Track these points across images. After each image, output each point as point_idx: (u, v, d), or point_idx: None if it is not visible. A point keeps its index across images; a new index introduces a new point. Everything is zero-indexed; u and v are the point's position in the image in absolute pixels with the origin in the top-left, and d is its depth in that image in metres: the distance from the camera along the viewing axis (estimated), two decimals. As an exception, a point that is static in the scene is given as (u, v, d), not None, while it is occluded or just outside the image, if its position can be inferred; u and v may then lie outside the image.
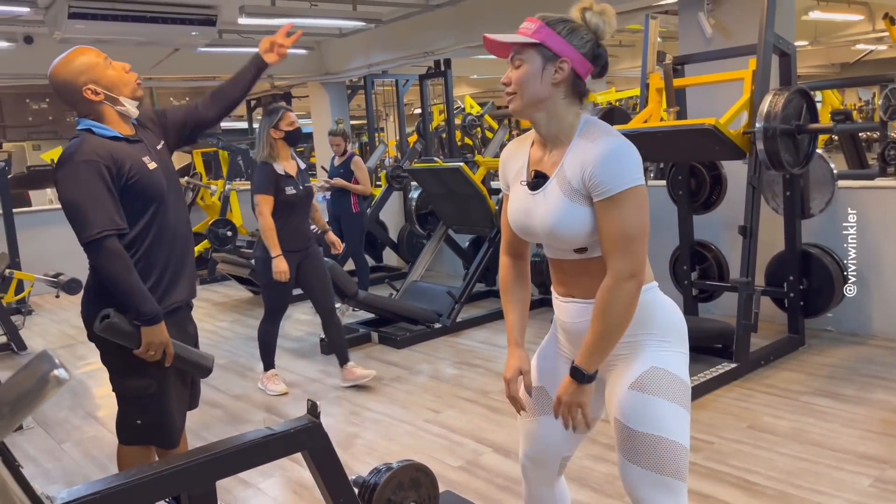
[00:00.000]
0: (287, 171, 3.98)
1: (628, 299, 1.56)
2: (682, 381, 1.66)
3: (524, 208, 1.69)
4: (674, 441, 1.61)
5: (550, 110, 1.61)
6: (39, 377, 0.61)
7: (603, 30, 1.61)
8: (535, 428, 1.85)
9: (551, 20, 1.59)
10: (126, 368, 2.25)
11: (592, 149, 1.56)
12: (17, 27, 6.42)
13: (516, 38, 1.59)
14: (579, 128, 1.62)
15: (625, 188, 1.53)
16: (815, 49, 12.34)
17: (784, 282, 4.33)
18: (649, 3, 5.68)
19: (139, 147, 2.25)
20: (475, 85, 15.34)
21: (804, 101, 3.91)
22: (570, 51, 1.58)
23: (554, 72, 1.58)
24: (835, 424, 3.25)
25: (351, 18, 6.97)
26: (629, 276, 1.55)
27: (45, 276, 5.52)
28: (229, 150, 9.17)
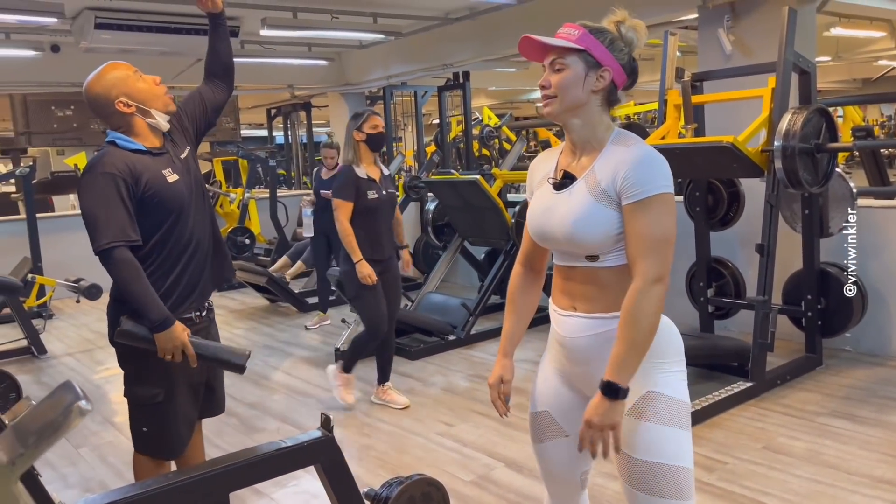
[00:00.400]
0: (370, 175, 3.84)
1: (657, 303, 1.54)
2: (679, 402, 1.64)
3: (546, 206, 1.69)
4: (674, 466, 1.61)
5: (586, 117, 1.63)
6: (63, 408, 0.63)
7: (636, 44, 1.64)
8: (546, 452, 1.84)
9: (593, 28, 1.62)
10: (137, 375, 2.30)
11: (627, 153, 1.58)
12: (44, 36, 6.54)
13: (562, 42, 1.61)
14: (612, 136, 1.64)
15: (656, 192, 1.54)
16: (837, 64, 12.26)
17: (801, 300, 4.29)
18: (669, 18, 5.68)
19: (162, 159, 2.29)
20: (493, 96, 15.39)
21: (823, 119, 3.89)
22: (611, 60, 1.61)
23: (596, 79, 1.61)
24: (851, 447, 3.21)
25: (371, 31, 7.04)
26: (657, 280, 1.54)
27: (67, 281, 5.59)
28: (249, 158, 9.27)
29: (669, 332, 1.68)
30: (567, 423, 1.78)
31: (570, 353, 1.72)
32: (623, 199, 1.57)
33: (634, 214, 1.55)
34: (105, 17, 5.43)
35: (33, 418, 0.63)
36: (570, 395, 1.77)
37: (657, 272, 1.54)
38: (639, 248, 1.55)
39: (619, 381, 1.55)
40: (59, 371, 5.14)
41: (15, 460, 0.62)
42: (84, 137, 8.85)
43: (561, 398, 1.77)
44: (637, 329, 1.54)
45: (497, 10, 6.43)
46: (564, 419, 1.78)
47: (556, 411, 1.78)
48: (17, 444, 0.59)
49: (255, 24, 6.13)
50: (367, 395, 4.28)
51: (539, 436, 1.84)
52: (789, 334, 4.53)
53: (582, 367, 1.70)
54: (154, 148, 2.29)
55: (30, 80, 7.26)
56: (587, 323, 1.65)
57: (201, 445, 2.61)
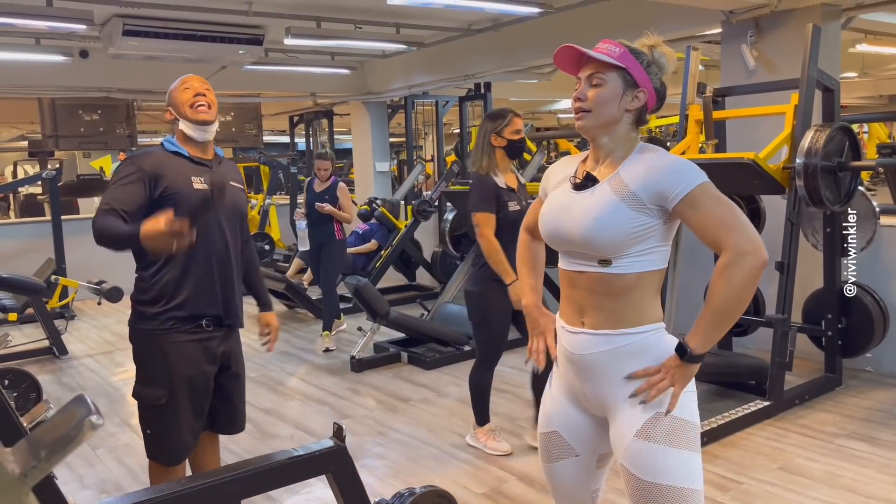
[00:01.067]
0: (508, 185, 3.38)
1: (751, 272, 1.50)
2: (688, 423, 1.63)
3: (563, 205, 1.68)
4: (682, 488, 1.60)
5: (615, 134, 1.65)
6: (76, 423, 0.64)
7: (666, 70, 1.67)
8: (555, 473, 1.84)
9: (633, 49, 1.64)
10: (143, 375, 2.36)
11: (656, 159, 1.60)
12: (73, 42, 6.66)
13: (603, 56, 1.62)
14: (637, 147, 1.66)
15: (698, 183, 1.55)
16: (863, 80, 12.12)
17: (822, 320, 4.24)
18: (692, 32, 5.66)
19: (199, 168, 2.38)
20: (514, 107, 15.38)
21: (847, 137, 3.85)
22: (647, 82, 1.63)
23: (631, 99, 1.62)
24: (870, 470, 3.16)
25: (394, 41, 7.08)
26: (751, 251, 1.50)
27: (89, 283, 5.68)
28: (270, 165, 9.36)
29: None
30: (577, 443, 1.78)
31: (579, 371, 1.71)
32: (668, 202, 1.56)
33: (689, 212, 1.55)
34: (133, 24, 5.52)
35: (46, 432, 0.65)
36: (578, 415, 1.77)
37: (745, 244, 1.50)
38: (716, 232, 1.53)
39: (696, 348, 1.55)
40: (80, 372, 5.20)
41: (27, 472, 0.63)
42: (110, 142, 8.97)
43: (570, 419, 1.77)
44: (724, 298, 1.51)
45: (520, 23, 6.44)
46: (574, 439, 1.78)
47: (566, 431, 1.78)
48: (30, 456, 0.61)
49: (280, 33, 6.20)
50: (381, 402, 4.30)
51: (549, 456, 1.83)
52: (809, 353, 4.47)
53: (591, 384, 1.69)
54: (197, 157, 2.40)
55: (59, 85, 7.38)
56: (596, 339, 1.65)
57: (217, 455, 2.64)
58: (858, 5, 4.77)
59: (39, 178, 7.50)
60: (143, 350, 2.35)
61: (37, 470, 0.60)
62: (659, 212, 1.58)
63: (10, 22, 5.09)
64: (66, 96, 7.97)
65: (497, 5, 5.48)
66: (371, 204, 7.74)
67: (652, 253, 1.62)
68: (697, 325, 1.56)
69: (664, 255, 1.65)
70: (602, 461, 1.81)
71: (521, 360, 5.06)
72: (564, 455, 1.80)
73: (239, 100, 9.54)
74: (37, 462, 0.60)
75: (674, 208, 1.56)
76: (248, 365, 5.22)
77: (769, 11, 4.66)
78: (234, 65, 7.24)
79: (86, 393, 3.64)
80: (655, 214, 1.58)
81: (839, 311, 4.21)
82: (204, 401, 2.40)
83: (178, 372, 2.29)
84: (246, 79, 8.17)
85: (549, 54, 6.77)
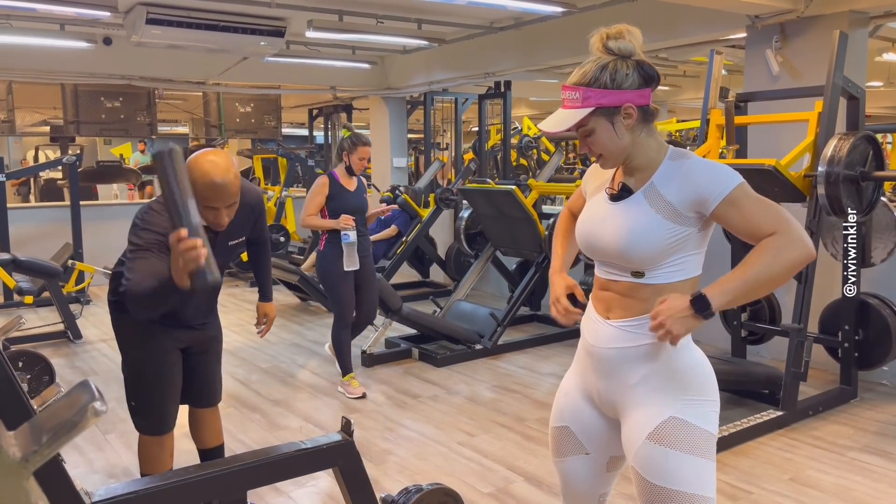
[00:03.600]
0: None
1: (799, 257, 1.49)
2: (703, 431, 1.60)
3: (600, 217, 1.67)
4: (693, 495, 1.57)
5: (637, 149, 1.62)
6: (79, 409, 0.64)
7: (633, 48, 1.58)
8: (566, 469, 1.82)
9: (590, 78, 1.55)
10: (126, 348, 2.53)
11: (689, 165, 1.58)
12: (97, 29, 6.70)
13: (572, 118, 1.56)
14: (668, 153, 1.63)
15: (735, 184, 1.53)
16: (889, 90, 11.96)
17: (839, 331, 4.19)
18: (717, 37, 5.61)
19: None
20: (534, 107, 15.33)
21: (871, 147, 3.80)
22: (625, 95, 1.55)
23: (623, 119, 1.57)
24: (882, 485, 3.12)
25: (415, 37, 7.07)
26: (803, 241, 1.49)
27: (105, 269, 5.72)
28: (288, 157, 9.38)
29: (698, 366, 1.64)
30: (588, 441, 1.77)
31: (596, 364, 1.70)
32: (707, 206, 1.54)
33: (730, 213, 1.53)
34: (156, 13, 5.55)
35: (49, 416, 0.64)
36: (591, 413, 1.75)
37: (799, 233, 1.50)
38: (765, 225, 1.51)
39: (713, 302, 1.49)
40: (93, 356, 5.25)
41: (28, 457, 0.63)
42: (130, 129, 9.06)
43: (582, 415, 1.75)
44: (761, 268, 1.48)
45: (542, 22, 6.41)
46: (585, 437, 1.77)
47: (577, 428, 1.77)
48: (32, 441, 0.61)
49: (302, 26, 6.21)
50: (390, 398, 4.30)
51: (559, 450, 1.82)
52: (824, 364, 4.42)
53: (605, 381, 1.68)
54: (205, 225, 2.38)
55: (81, 71, 7.44)
56: (618, 334, 1.64)
57: (217, 426, 2.81)
58: (887, 13, 4.70)
59: (60, 163, 7.57)
60: (123, 325, 2.53)
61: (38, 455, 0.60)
62: (696, 219, 1.57)
63: (32, 7, 5.13)
64: (89, 82, 8.04)
65: (520, 3, 5.45)
66: (394, 191, 7.73)
67: (685, 262, 1.61)
68: (723, 284, 1.50)
69: (698, 263, 1.64)
70: (613, 464, 1.80)
71: (531, 360, 5.05)
72: (574, 451, 1.79)
73: (259, 91, 9.57)
74: (38, 447, 0.60)
75: (713, 212, 1.54)
76: (260, 356, 5.27)
77: (795, 17, 4.60)
78: (256, 56, 7.26)
79: (98, 377, 3.68)
80: (692, 222, 1.57)
81: (857, 323, 4.15)
82: (177, 374, 2.55)
83: (149, 342, 2.43)
84: (266, 70, 8.20)
85: (570, 54, 6.75)
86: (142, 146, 14.58)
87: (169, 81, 8.17)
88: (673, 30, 5.62)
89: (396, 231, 7.42)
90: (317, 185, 4.24)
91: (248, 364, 5.05)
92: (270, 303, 2.95)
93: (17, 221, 7.14)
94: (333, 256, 4.20)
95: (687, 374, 1.62)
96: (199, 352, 2.65)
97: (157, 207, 2.30)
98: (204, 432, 2.79)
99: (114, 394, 4.36)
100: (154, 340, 2.43)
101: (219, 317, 2.77)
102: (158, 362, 2.48)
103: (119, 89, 8.49)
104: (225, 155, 2.34)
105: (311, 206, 4.22)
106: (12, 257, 5.25)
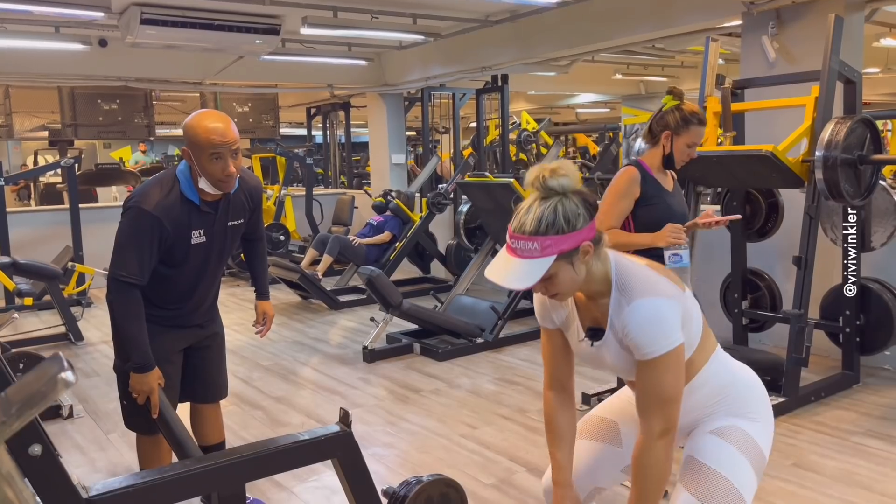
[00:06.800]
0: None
1: (663, 456, 1.62)
2: (758, 447, 1.73)
3: (590, 354, 1.75)
4: (733, 485, 1.66)
5: (588, 277, 1.63)
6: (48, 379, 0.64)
7: (572, 183, 1.55)
8: (590, 449, 1.90)
9: (544, 227, 1.51)
10: (118, 345, 2.52)
11: (630, 313, 1.59)
12: (92, 30, 6.70)
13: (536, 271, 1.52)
14: (613, 276, 1.63)
15: (662, 352, 1.58)
16: (887, 76, 11.91)
17: (840, 316, 4.17)
18: (712, 25, 5.59)
19: (204, 219, 2.40)
20: (532, 101, 15.31)
21: (868, 130, 3.78)
22: (580, 235, 1.54)
23: (581, 257, 1.57)
24: (886, 468, 3.11)
25: (410, 32, 7.06)
26: (661, 435, 1.61)
27: (106, 271, 5.71)
28: (287, 156, 9.38)
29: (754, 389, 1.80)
30: (626, 439, 1.87)
31: None
32: (637, 354, 1.61)
33: (642, 370, 1.63)
34: (151, 13, 5.54)
35: (19, 389, 0.64)
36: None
37: (662, 428, 1.61)
38: (645, 403, 1.63)
39: None
40: (94, 358, 5.25)
41: (-2, 428, 0.63)
42: (128, 131, 9.05)
43: (633, 420, 1.80)
44: (646, 481, 1.64)
45: (537, 14, 6.39)
46: (627, 437, 1.86)
47: (624, 428, 1.89)
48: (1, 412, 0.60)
49: (296, 23, 6.20)
50: (392, 392, 4.29)
51: (595, 435, 1.92)
52: (826, 350, 4.41)
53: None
54: (207, 201, 2.38)
55: (77, 73, 7.44)
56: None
57: (219, 424, 2.82)
58: (883, -3, 4.68)
59: (58, 165, 7.57)
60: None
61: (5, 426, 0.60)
62: None
63: (28, 9, 5.12)
64: (85, 85, 8.03)
65: (514, -5, 5.44)
66: (386, 196, 7.72)
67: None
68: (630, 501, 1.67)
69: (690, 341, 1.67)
70: (629, 470, 1.83)
71: (532, 353, 5.04)
72: (610, 441, 1.89)
73: (256, 90, 9.57)
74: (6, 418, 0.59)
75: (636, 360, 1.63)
76: (262, 354, 5.26)
77: (791, 2, 4.59)
78: (251, 55, 7.25)
79: (100, 377, 3.67)
80: None
81: (857, 308, 4.14)
82: (175, 373, 2.55)
83: (151, 344, 2.40)
84: (263, 69, 8.19)
85: (567, 46, 6.73)
86: (143, 146, 14.58)
87: (165, 82, 8.17)
88: (668, 18, 5.60)
89: (390, 236, 7.43)
90: (621, 180, 2.79)
91: (250, 362, 5.04)
92: (268, 301, 2.90)
93: (16, 225, 7.14)
94: None
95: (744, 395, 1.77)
96: (200, 348, 2.65)
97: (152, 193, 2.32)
98: (205, 429, 2.78)
99: (114, 394, 4.36)
100: (153, 342, 2.41)
101: (220, 314, 2.77)
102: (157, 360, 2.46)
103: (116, 91, 8.48)
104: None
105: (613, 214, 2.75)
106: (12, 260, 5.25)
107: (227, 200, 2.45)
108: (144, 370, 2.34)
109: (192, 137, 2.27)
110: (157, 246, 2.31)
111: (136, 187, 2.42)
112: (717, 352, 1.78)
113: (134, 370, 2.34)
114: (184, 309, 2.52)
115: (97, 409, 4.14)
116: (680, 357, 1.60)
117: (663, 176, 2.84)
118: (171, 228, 2.31)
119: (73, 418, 3.96)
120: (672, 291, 1.61)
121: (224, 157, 2.27)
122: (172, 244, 2.35)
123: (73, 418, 3.96)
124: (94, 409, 4.12)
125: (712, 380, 1.74)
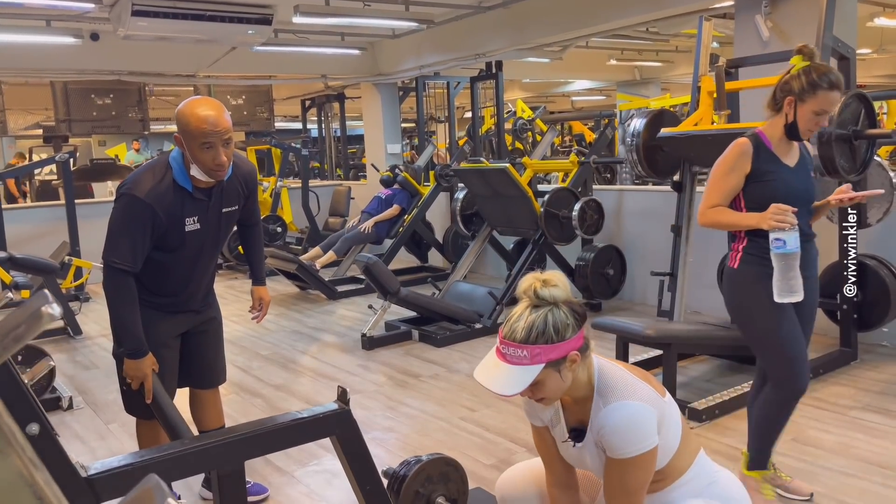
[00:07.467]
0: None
1: None
2: None
3: (575, 459, 1.78)
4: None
5: (574, 384, 1.68)
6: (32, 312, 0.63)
7: (562, 294, 1.62)
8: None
9: (534, 335, 1.58)
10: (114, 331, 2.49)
11: (607, 416, 1.63)
12: (83, 23, 6.67)
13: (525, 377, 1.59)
14: (595, 380, 1.68)
15: (634, 455, 1.60)
16: (881, 57, 11.90)
17: (837, 293, 4.18)
18: (706, 5, 5.57)
19: (197, 206, 2.39)
20: (527, 89, 15.28)
21: (862, 105, 3.77)
22: (568, 345, 1.60)
23: (569, 365, 1.62)
24: (885, 441, 3.12)
25: (403, 19, 7.03)
26: None
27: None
28: (282, 147, 9.36)
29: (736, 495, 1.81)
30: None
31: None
32: (607, 453, 1.67)
33: (612, 466, 1.66)
34: (141, 5, 5.51)
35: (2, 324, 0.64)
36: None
37: None
38: (611, 494, 1.67)
39: None
40: (93, 351, 5.25)
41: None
42: (123, 126, 9.01)
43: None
44: None
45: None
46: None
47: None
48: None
49: (289, 13, 6.17)
50: (391, 378, 4.30)
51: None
52: (824, 328, 4.41)
53: None
54: (200, 188, 2.37)
55: (70, 68, 7.41)
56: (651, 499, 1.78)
57: (218, 409, 2.81)
58: (876, -27, 4.67)
59: (53, 160, 7.55)
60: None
61: (-10, 356, 0.60)
62: None
63: (19, 1, 5.10)
64: (78, 79, 8.00)
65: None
66: (393, 170, 7.69)
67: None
68: None
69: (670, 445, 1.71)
70: None
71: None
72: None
73: (250, 83, 9.54)
74: (-10, 348, 0.60)
75: (608, 457, 1.66)
76: (261, 343, 5.26)
77: (784, -19, 4.57)
78: (244, 45, 7.22)
79: (99, 370, 3.66)
80: None
81: (854, 285, 4.14)
82: (173, 358, 2.56)
83: (148, 330, 2.39)
84: (257, 60, 8.16)
85: (560, 31, 6.70)
86: (136, 145, 14.55)
87: (158, 75, 8.13)
88: (661, 0, 5.59)
89: (399, 210, 7.37)
90: (729, 154, 2.50)
91: (249, 352, 5.05)
92: (264, 287, 2.91)
93: (13, 222, 7.13)
94: (758, 277, 2.50)
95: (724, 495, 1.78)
96: (197, 332, 2.65)
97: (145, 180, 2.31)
98: (205, 415, 2.78)
99: (115, 386, 4.36)
100: (150, 328, 2.41)
101: (217, 299, 2.77)
102: (154, 345, 2.46)
103: (109, 86, 8.45)
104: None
105: (716, 191, 2.50)
106: (8, 255, 5.24)
107: (221, 187, 2.44)
108: (137, 356, 2.34)
109: (184, 125, 2.25)
110: (150, 233, 2.30)
111: (129, 174, 2.40)
112: (700, 456, 1.80)
113: (127, 356, 2.34)
114: (180, 295, 2.52)
115: (96, 400, 4.14)
116: (653, 457, 1.63)
117: (786, 148, 2.52)
118: (164, 216, 2.30)
119: (73, 409, 3.97)
120: (649, 396, 1.65)
121: (215, 146, 2.25)
122: (166, 231, 2.34)
123: (73, 409, 3.97)
124: (94, 401, 4.12)
125: (693, 481, 1.76)
